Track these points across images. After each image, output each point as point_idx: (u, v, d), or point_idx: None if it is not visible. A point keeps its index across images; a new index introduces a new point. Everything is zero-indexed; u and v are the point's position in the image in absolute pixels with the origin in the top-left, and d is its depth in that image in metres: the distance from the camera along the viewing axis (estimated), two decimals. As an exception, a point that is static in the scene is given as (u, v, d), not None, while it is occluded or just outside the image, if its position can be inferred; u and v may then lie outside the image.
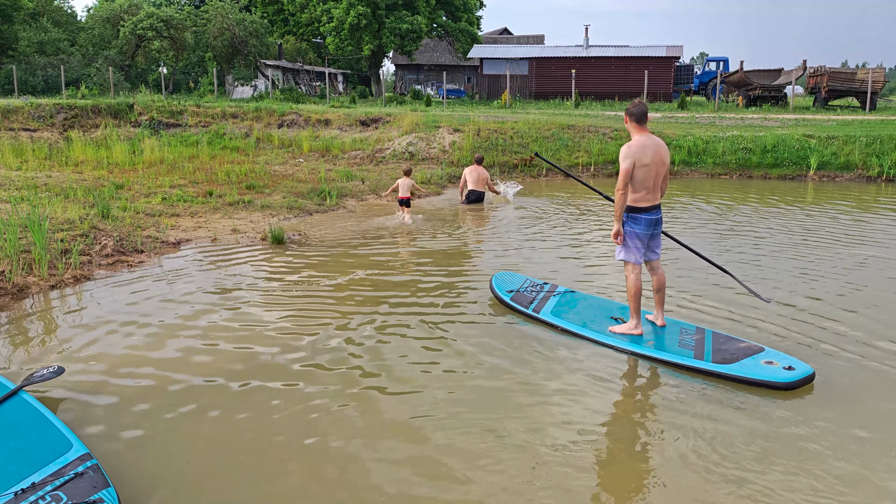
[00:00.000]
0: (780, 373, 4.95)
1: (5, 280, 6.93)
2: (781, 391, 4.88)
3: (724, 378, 5.09)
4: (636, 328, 5.77)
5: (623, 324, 5.91)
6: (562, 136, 18.83)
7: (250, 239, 9.48)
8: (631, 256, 5.68)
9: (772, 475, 3.86)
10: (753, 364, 5.11)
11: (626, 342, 5.66)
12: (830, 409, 4.67)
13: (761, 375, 4.98)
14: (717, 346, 5.45)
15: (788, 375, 4.91)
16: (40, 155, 17.25)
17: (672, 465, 3.96)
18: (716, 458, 4.01)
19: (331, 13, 35.76)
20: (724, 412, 4.61)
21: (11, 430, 3.93)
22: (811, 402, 4.79)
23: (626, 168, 5.45)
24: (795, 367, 5.00)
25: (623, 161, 5.47)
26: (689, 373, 5.24)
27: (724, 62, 39.60)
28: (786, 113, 25.85)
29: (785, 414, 4.60)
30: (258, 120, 22.35)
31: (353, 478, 3.83)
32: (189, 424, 4.40)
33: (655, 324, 5.94)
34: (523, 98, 37.42)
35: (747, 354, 5.26)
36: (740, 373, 5.05)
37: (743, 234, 10.10)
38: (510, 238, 9.96)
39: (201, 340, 5.77)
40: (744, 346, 5.42)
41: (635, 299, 5.71)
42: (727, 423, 4.44)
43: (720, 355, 5.28)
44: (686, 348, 5.46)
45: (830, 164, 16.80)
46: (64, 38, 40.91)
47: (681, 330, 5.87)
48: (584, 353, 5.61)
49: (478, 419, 4.46)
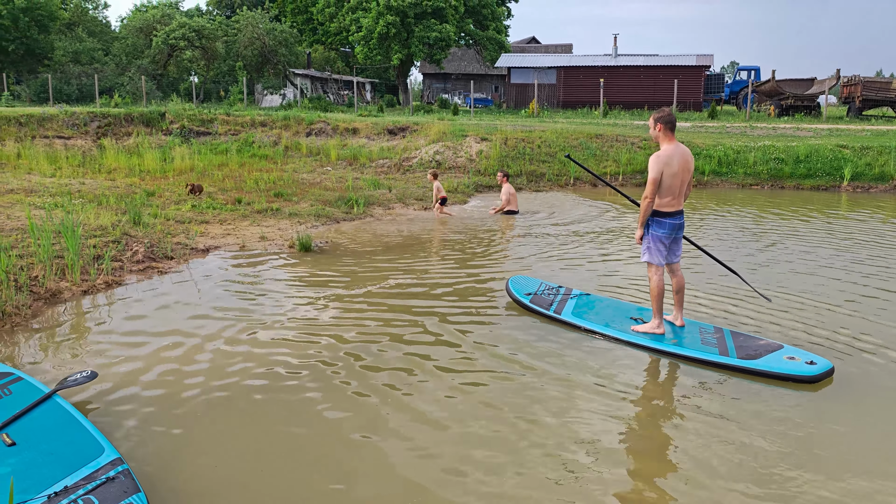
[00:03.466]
0: (804, 367, 5.15)
1: (39, 285, 7.04)
2: (805, 384, 5.08)
3: (750, 373, 5.26)
4: (658, 327, 5.94)
5: (645, 323, 6.06)
6: (590, 145, 18.74)
7: (278, 246, 9.53)
8: (655, 258, 5.88)
9: (797, 473, 3.86)
10: (777, 359, 5.30)
11: (650, 340, 5.82)
12: (850, 402, 4.87)
13: (786, 369, 5.17)
14: (739, 344, 5.64)
15: (811, 369, 5.12)
16: (74, 162, 17.55)
17: (696, 465, 3.92)
18: (739, 457, 3.96)
19: (360, 22, 36.05)
20: (746, 409, 4.69)
21: (45, 434, 3.97)
22: (831, 397, 4.98)
23: (654, 177, 5.65)
24: (816, 362, 5.20)
25: (652, 170, 5.67)
26: (712, 369, 5.40)
27: (756, 71, 39.18)
28: (819, 123, 25.49)
29: (807, 411, 4.73)
30: (287, 128, 22.55)
31: (382, 484, 3.81)
32: (219, 430, 4.41)
33: (675, 324, 6.10)
34: (551, 107, 37.34)
35: (769, 351, 5.45)
36: (766, 367, 5.23)
37: (772, 241, 9.96)
38: (526, 244, 9.92)
39: (231, 346, 5.80)
40: (763, 344, 5.61)
41: (658, 299, 5.89)
42: (750, 421, 4.49)
43: (744, 352, 5.46)
44: (709, 346, 5.63)
45: (865, 174, 16.53)
46: (98, 48, 41.76)
47: (700, 329, 6.04)
48: (605, 353, 5.76)
49: (506, 417, 4.48)
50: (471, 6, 37.96)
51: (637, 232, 5.94)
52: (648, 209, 5.74)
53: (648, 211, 5.75)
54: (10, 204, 11.17)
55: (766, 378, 5.18)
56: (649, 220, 5.82)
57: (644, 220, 5.82)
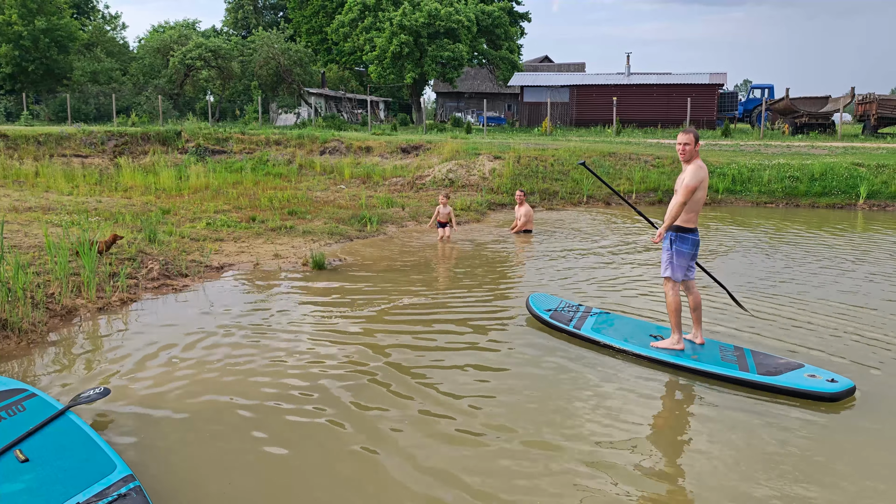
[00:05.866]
0: (825, 384, 5.14)
1: (55, 302, 7.09)
2: (826, 402, 5.06)
3: (771, 390, 5.24)
4: (678, 343, 5.92)
5: (664, 340, 6.05)
6: (603, 163, 18.73)
7: (292, 264, 9.57)
8: (676, 274, 5.87)
9: (817, 491, 3.75)
10: (798, 377, 5.29)
11: (671, 356, 5.80)
12: (871, 420, 4.85)
13: (808, 386, 5.16)
14: (759, 361, 5.63)
15: (833, 387, 5.10)
16: (91, 180, 17.75)
17: (718, 483, 3.86)
18: (760, 475, 3.90)
19: (373, 42, 36.32)
20: (765, 426, 4.66)
21: (58, 450, 3.98)
22: (852, 416, 4.95)
23: (695, 185, 5.65)
24: (837, 380, 5.19)
25: (695, 179, 5.65)
26: (732, 385, 5.38)
27: (770, 89, 39.12)
28: (834, 141, 25.35)
29: (827, 429, 4.70)
30: (301, 147, 22.70)
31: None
32: (232, 448, 4.41)
33: (694, 342, 6.07)
34: (564, 125, 37.38)
35: (789, 368, 5.45)
36: (787, 384, 5.21)
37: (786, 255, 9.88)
38: (540, 261, 9.89)
39: (244, 365, 5.80)
40: (784, 362, 5.60)
41: (676, 314, 5.90)
42: (770, 436, 4.45)
43: (764, 369, 5.46)
44: (729, 362, 5.61)
45: (881, 192, 16.40)
46: (116, 68, 42.30)
47: (720, 347, 6.02)
48: (623, 368, 5.79)
49: (528, 430, 4.47)
50: (484, 26, 38.16)
51: (660, 230, 5.82)
52: (679, 213, 5.68)
53: (678, 214, 5.69)
54: (28, 222, 11.29)
55: (786, 395, 5.16)
56: (673, 236, 5.81)
57: (670, 225, 5.75)
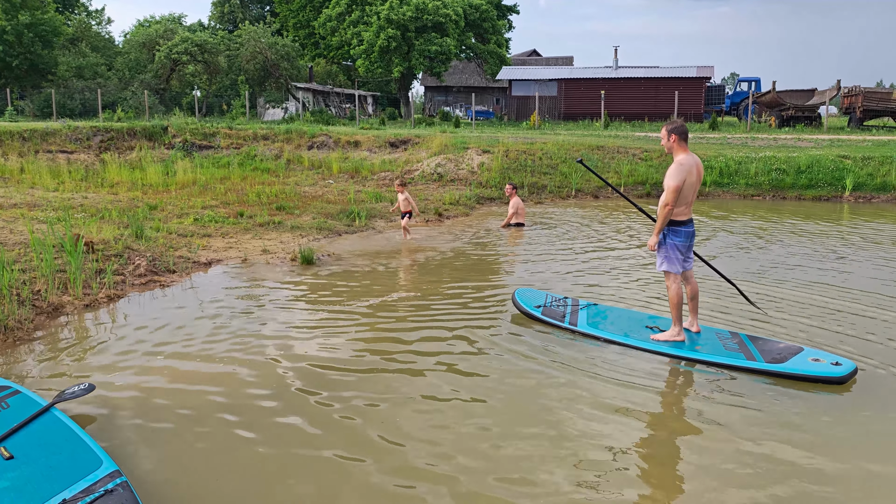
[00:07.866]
0: (831, 368, 5.18)
1: (41, 299, 7.04)
2: (834, 385, 5.13)
3: (780, 376, 5.29)
4: (679, 335, 5.97)
5: (663, 332, 6.10)
6: (592, 157, 18.77)
7: (280, 259, 9.54)
8: (673, 267, 5.93)
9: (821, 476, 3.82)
10: (803, 361, 5.33)
11: (672, 348, 5.85)
12: (876, 400, 5.02)
13: (816, 371, 5.20)
14: (760, 348, 5.67)
15: (839, 370, 5.15)
16: (77, 176, 17.62)
17: (726, 471, 3.89)
18: (763, 467, 3.93)
19: (361, 36, 36.25)
20: (774, 412, 4.74)
21: (43, 447, 3.96)
22: (859, 396, 5.07)
23: (677, 185, 5.68)
24: (841, 362, 5.24)
25: (675, 178, 5.69)
26: (739, 373, 5.43)
27: (756, 82, 39.27)
28: (820, 133, 25.50)
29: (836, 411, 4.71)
30: (289, 142, 22.61)
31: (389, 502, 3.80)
32: (219, 444, 4.40)
33: (691, 330, 6.12)
34: (552, 119, 37.43)
35: (792, 353, 5.49)
36: (796, 370, 5.25)
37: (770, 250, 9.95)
38: (530, 256, 9.92)
39: (232, 361, 5.79)
40: (784, 347, 5.65)
41: (677, 307, 5.95)
42: (780, 423, 4.49)
43: (769, 356, 5.50)
44: (733, 351, 5.66)
45: (866, 185, 16.53)
46: (101, 63, 41.98)
47: (717, 335, 6.07)
48: (625, 362, 5.78)
49: (530, 426, 4.48)
50: (472, 20, 38.14)
51: (651, 239, 5.92)
52: (668, 217, 5.77)
53: (667, 218, 5.78)
54: (13, 218, 11.20)
55: (793, 380, 5.23)
56: (665, 230, 5.86)
57: (661, 228, 5.84)
